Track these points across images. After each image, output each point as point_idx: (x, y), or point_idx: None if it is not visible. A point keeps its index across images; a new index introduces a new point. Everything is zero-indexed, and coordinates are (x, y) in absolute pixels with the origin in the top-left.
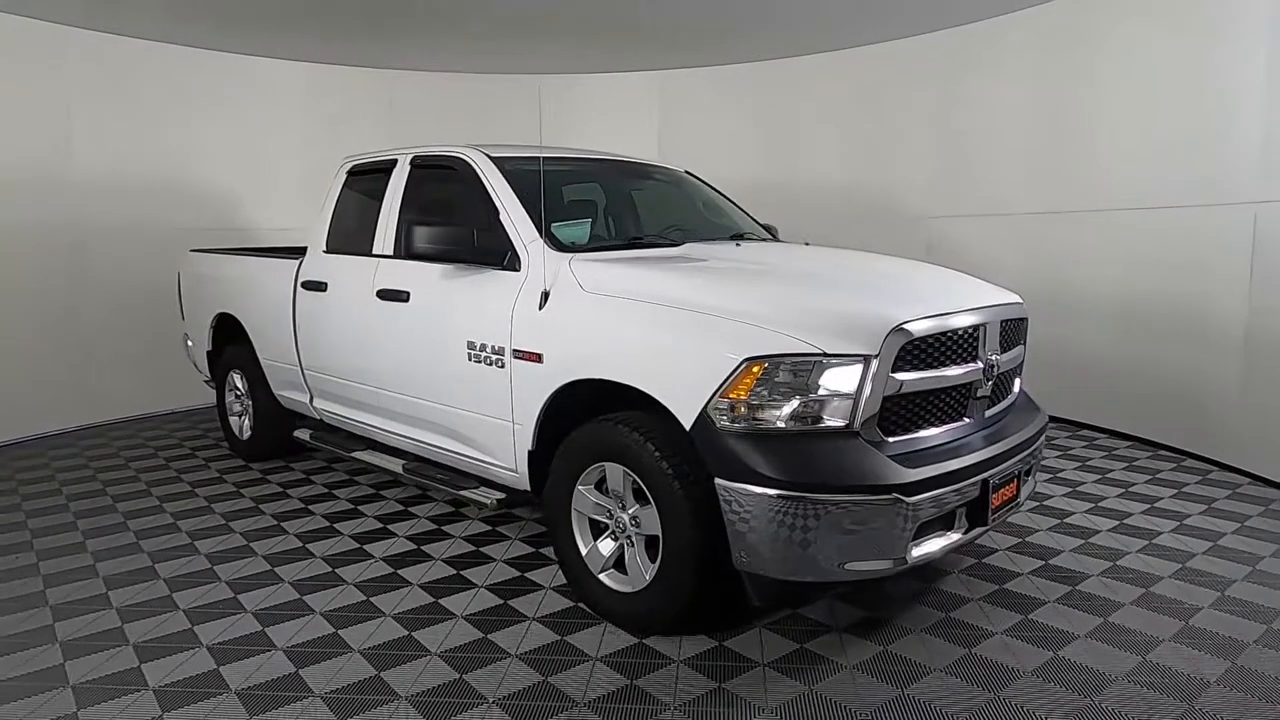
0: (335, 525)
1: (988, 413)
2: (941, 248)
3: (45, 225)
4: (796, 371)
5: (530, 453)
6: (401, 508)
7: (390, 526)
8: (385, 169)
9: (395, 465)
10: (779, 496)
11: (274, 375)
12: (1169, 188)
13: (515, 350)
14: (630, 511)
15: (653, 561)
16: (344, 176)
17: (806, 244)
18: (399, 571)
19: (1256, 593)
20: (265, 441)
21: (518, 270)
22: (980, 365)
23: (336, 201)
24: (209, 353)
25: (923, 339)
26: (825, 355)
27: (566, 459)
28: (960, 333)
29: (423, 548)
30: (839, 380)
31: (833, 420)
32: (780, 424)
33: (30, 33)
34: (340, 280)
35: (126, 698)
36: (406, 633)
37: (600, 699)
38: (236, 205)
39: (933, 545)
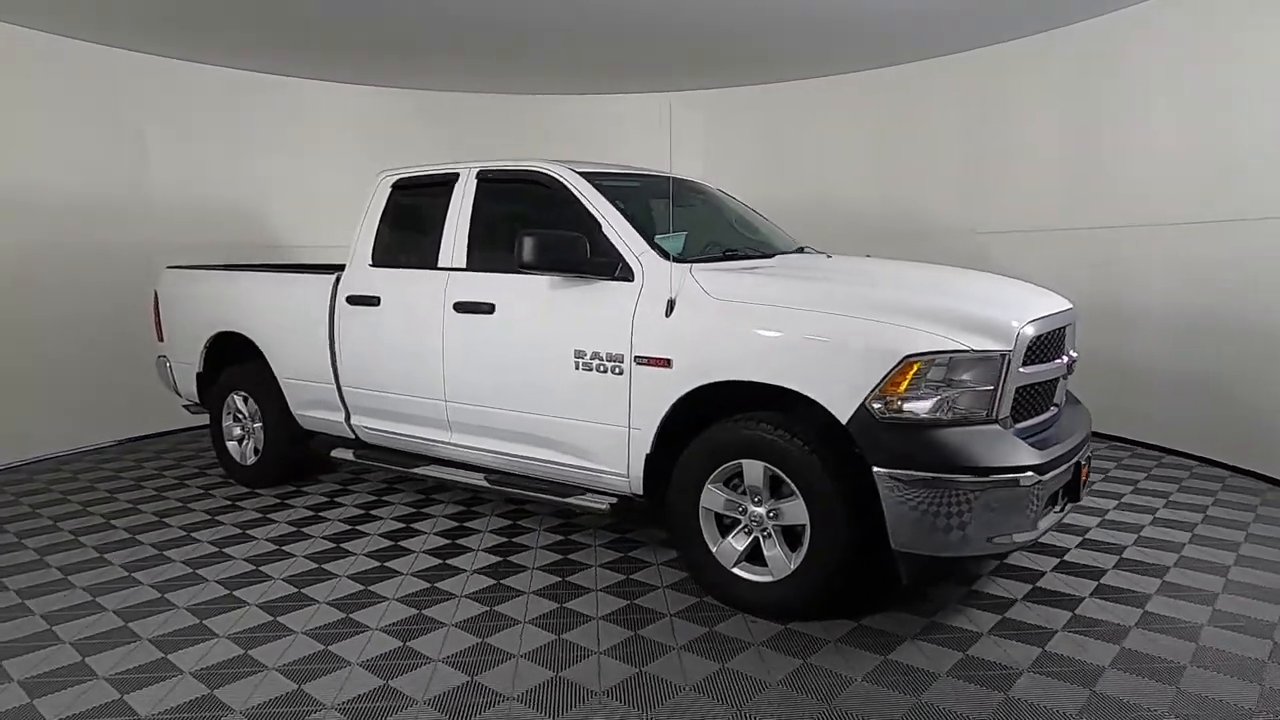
0: (448, 561)
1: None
2: (976, 266)
3: (122, 246)
4: (949, 368)
5: (648, 456)
6: (456, 524)
7: (454, 550)
8: (443, 183)
9: (472, 479)
10: (939, 480)
11: (297, 395)
12: (1209, 202)
13: (638, 357)
14: (766, 506)
15: (793, 551)
16: (387, 190)
17: (869, 256)
18: (570, 607)
19: None
20: (274, 466)
21: (631, 280)
22: (1065, 360)
23: (381, 215)
24: (199, 375)
25: (1037, 337)
26: (973, 352)
27: (698, 459)
28: (1056, 332)
29: (510, 568)
30: (983, 374)
31: (977, 410)
32: (933, 415)
33: (93, 58)
34: (398, 294)
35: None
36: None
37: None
38: (286, 222)
39: (1049, 519)
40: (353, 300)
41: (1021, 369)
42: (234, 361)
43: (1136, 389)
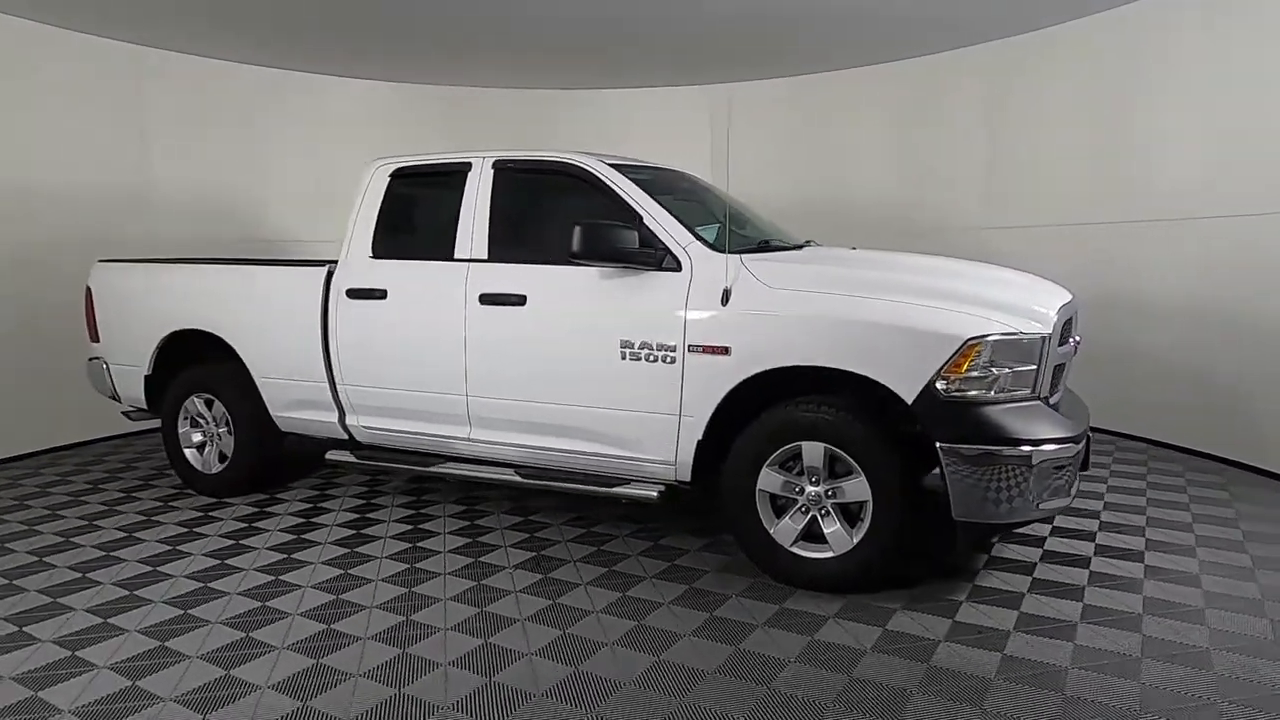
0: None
1: None
2: (994, 259)
3: (133, 239)
4: (1003, 349)
5: (698, 443)
6: (463, 522)
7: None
8: (453, 172)
9: (499, 475)
10: (999, 453)
11: (276, 395)
12: (1232, 196)
13: (692, 345)
14: (823, 485)
15: (851, 527)
16: (385, 180)
17: (854, 249)
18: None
19: None
20: (246, 472)
21: (679, 270)
22: (1074, 344)
23: (380, 205)
24: (148, 377)
25: (1062, 323)
26: (1022, 334)
27: (755, 443)
28: (1070, 319)
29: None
30: (1029, 355)
31: (1023, 388)
32: (988, 393)
33: (108, 53)
34: (408, 287)
35: None
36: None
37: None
38: (298, 217)
39: (1077, 485)
40: (354, 294)
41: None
42: (188, 362)
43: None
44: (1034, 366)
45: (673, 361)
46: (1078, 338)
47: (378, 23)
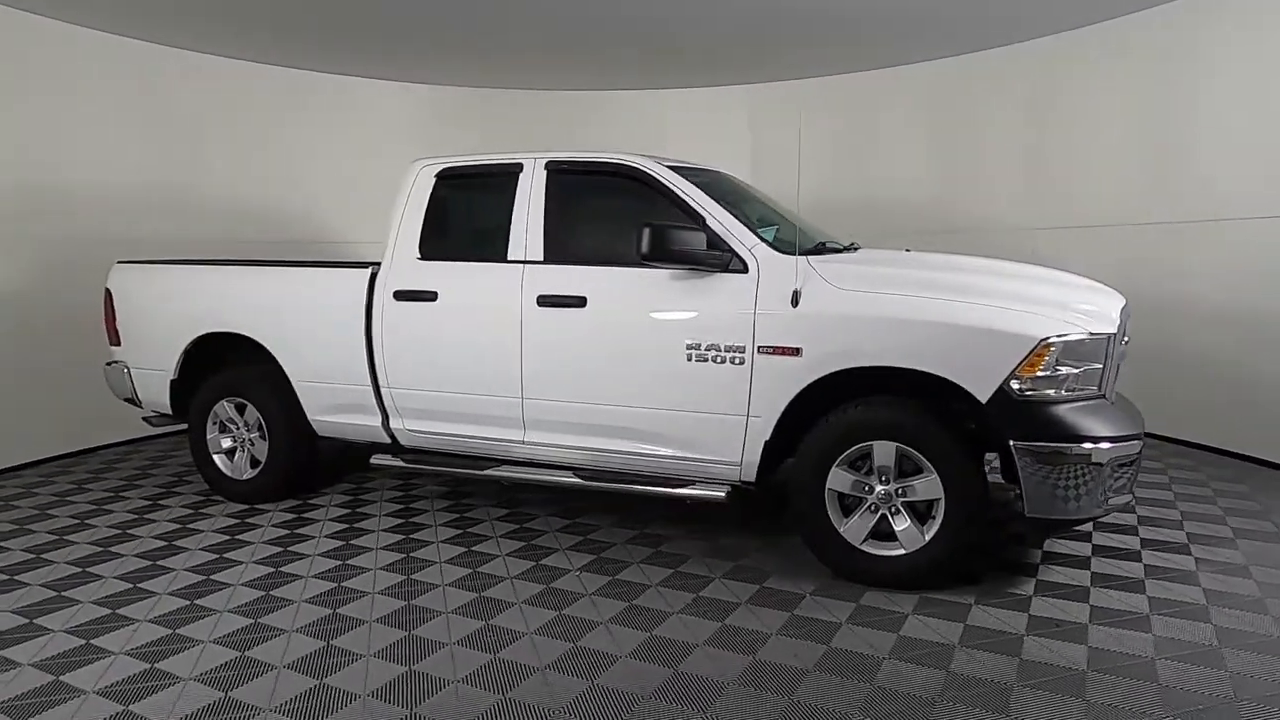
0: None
1: None
2: (1034, 260)
3: (176, 240)
4: (1074, 349)
5: (766, 444)
6: (512, 525)
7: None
8: (503, 173)
9: (558, 478)
10: (1070, 451)
11: (315, 399)
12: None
13: (762, 346)
14: (894, 484)
15: (921, 525)
16: (430, 181)
17: (907, 250)
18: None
19: None
20: (280, 478)
21: (745, 272)
22: (1125, 345)
23: (426, 207)
24: (174, 382)
25: (1121, 324)
26: (1091, 335)
27: (825, 443)
28: (1126, 320)
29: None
30: (1097, 354)
31: (1091, 387)
32: (1059, 392)
33: (149, 58)
34: (460, 288)
35: None
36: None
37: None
38: (340, 218)
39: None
40: (402, 295)
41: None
42: (214, 366)
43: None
44: (1100, 366)
45: (741, 363)
46: (1128, 339)
47: (411, 24)
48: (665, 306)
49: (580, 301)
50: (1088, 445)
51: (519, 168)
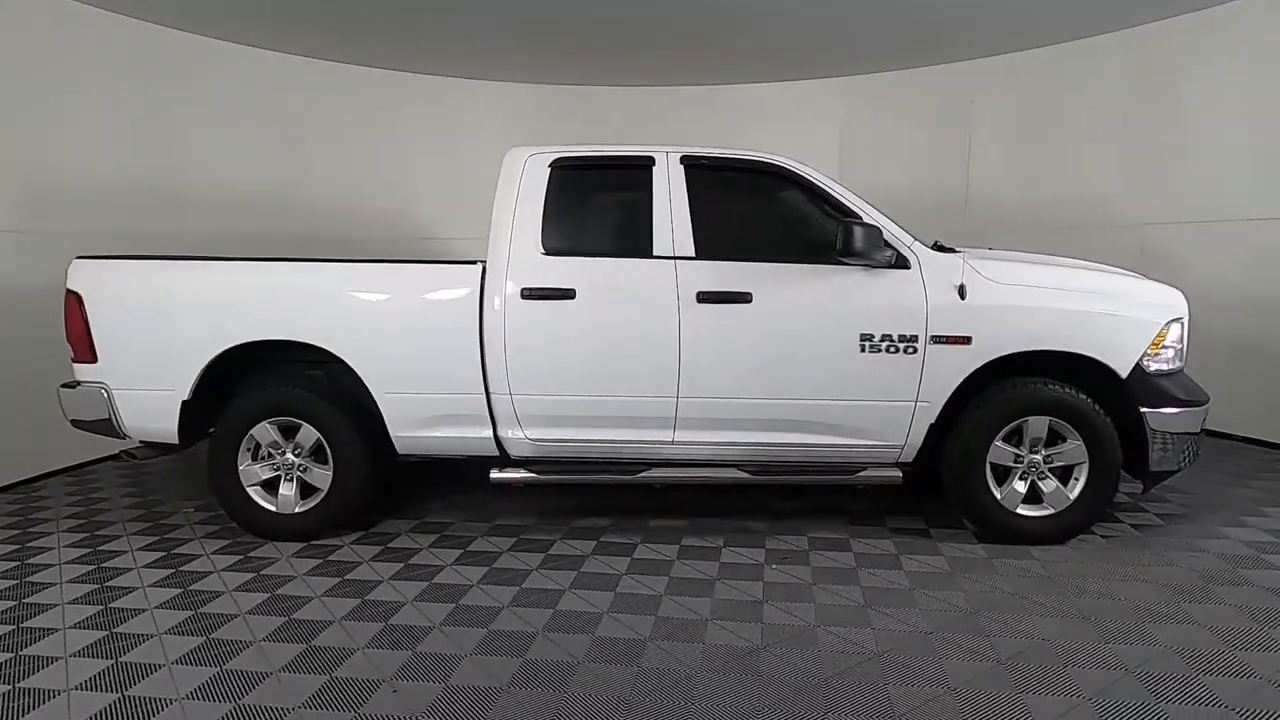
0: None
1: None
2: (1147, 257)
3: (282, 236)
4: (1178, 329)
5: (931, 426)
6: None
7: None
8: (631, 166)
9: (716, 475)
10: (1185, 413)
11: (404, 411)
12: None
13: (935, 336)
14: (1044, 452)
15: (1064, 486)
16: (544, 171)
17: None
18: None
19: None
20: (345, 508)
21: (908, 268)
22: None
23: (545, 199)
24: (186, 404)
25: None
26: (1183, 317)
27: (988, 420)
28: None
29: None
30: (1182, 334)
31: (1178, 361)
32: (1168, 366)
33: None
34: (604, 285)
35: None
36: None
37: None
38: (434, 215)
39: None
40: (531, 294)
41: None
42: (227, 383)
43: None
44: (1183, 344)
45: (914, 352)
46: None
47: (494, 22)
48: (837, 300)
49: (745, 297)
50: (1194, 408)
51: (650, 161)
